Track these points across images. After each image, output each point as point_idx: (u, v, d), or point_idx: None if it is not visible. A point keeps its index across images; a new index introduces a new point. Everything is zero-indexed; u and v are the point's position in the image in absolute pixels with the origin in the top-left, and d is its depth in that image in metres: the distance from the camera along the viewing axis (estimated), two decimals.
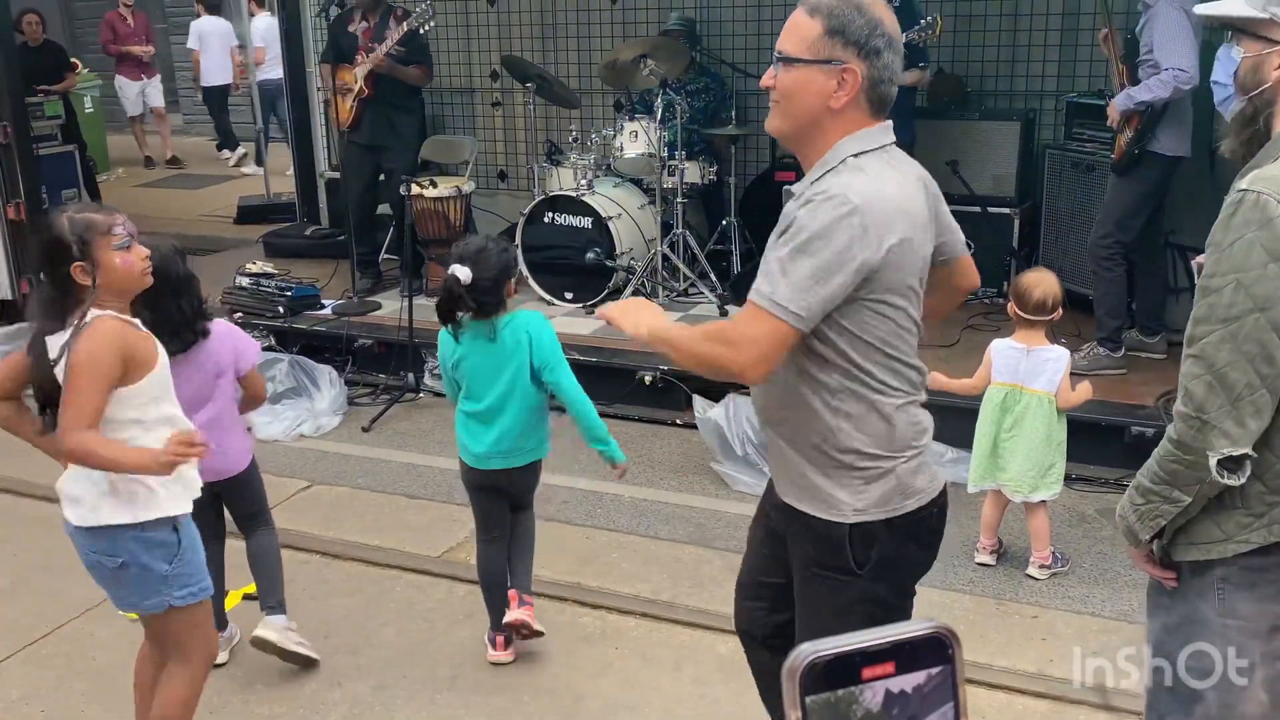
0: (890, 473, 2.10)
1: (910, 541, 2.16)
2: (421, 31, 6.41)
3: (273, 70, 11.57)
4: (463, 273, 3.20)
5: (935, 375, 4.05)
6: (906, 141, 5.77)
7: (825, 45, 2.00)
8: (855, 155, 2.02)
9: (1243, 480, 1.85)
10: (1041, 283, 3.86)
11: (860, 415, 2.07)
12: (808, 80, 2.02)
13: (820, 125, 2.05)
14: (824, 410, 2.08)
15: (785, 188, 2.16)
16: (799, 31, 2.02)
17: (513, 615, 3.50)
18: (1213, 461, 1.83)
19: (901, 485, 2.11)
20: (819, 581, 2.19)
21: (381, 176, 6.77)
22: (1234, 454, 1.83)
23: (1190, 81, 4.67)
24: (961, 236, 2.34)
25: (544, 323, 3.43)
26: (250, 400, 3.40)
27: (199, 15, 12.24)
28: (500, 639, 3.56)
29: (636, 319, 2.18)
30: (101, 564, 2.67)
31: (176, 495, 2.66)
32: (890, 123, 2.10)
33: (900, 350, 2.08)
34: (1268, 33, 1.90)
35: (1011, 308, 3.93)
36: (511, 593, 3.55)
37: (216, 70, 12.27)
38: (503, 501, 3.57)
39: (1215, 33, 5.54)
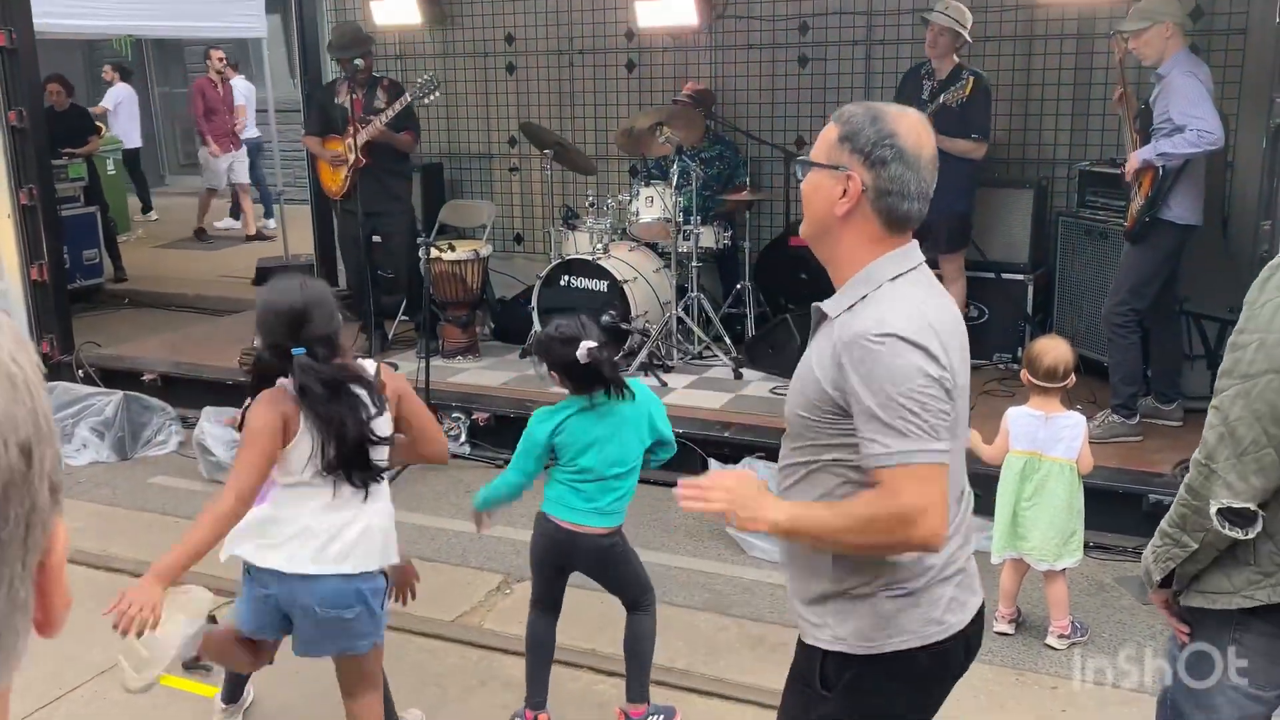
0: (868, 601, 2.00)
1: (893, 681, 2.03)
2: (426, 102, 6.54)
3: (248, 130, 11.88)
4: (593, 344, 3.16)
5: (972, 434, 4.06)
6: (963, 210, 5.86)
7: (836, 150, 1.99)
8: (892, 280, 1.97)
9: (1249, 535, 1.89)
10: (1052, 349, 3.87)
11: None
12: (817, 184, 2.02)
13: (831, 232, 2.02)
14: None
15: (815, 305, 2.08)
16: (823, 136, 2.04)
17: None
18: (1213, 509, 1.89)
19: (882, 621, 2.00)
20: (794, 688, 2.18)
21: (377, 238, 6.86)
22: (1234, 506, 1.88)
23: (1217, 142, 4.72)
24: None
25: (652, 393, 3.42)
26: None
27: (113, 82, 12.39)
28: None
29: (758, 510, 1.95)
30: (337, 613, 2.82)
31: None
32: (915, 244, 2.05)
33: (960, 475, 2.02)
34: None
35: (1025, 375, 3.94)
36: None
37: (133, 132, 12.44)
38: (567, 573, 3.50)
39: (1229, 100, 5.62)
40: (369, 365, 2.86)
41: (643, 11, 7.00)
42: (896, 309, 1.91)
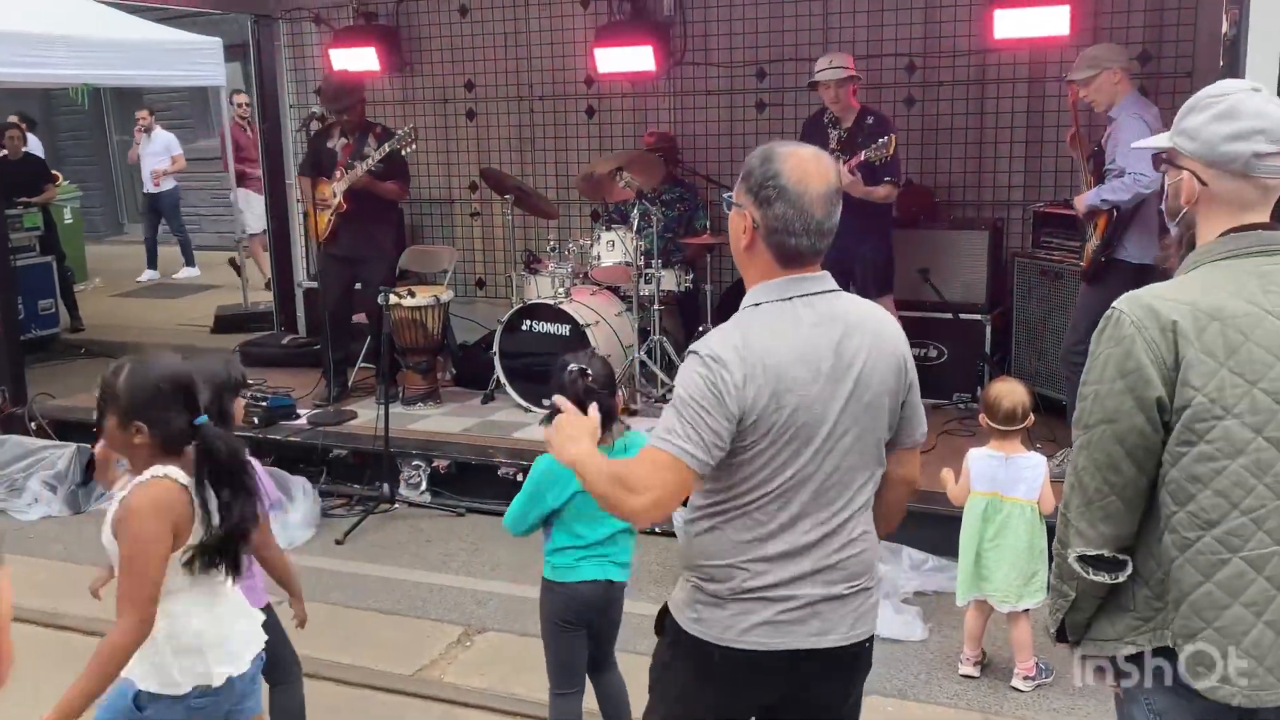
0: (690, 584, 2.20)
1: (686, 660, 2.21)
2: (403, 153, 6.54)
3: (167, 183, 12.01)
4: (587, 369, 3.10)
5: (945, 473, 4.07)
6: (885, 256, 5.90)
7: (739, 189, 2.13)
8: (755, 305, 2.12)
9: (1118, 579, 1.94)
10: (1010, 393, 3.89)
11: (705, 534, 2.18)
12: (731, 219, 2.17)
13: (741, 263, 2.18)
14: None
15: None
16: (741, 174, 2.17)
17: None
18: (1071, 557, 1.95)
19: (692, 606, 2.18)
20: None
21: (358, 286, 6.83)
22: (1088, 553, 1.94)
23: (1152, 185, 4.79)
24: (920, 428, 2.29)
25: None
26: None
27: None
28: None
29: (564, 444, 2.15)
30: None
31: None
32: (815, 274, 2.13)
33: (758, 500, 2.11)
34: (1177, 160, 1.99)
35: (983, 419, 3.96)
36: None
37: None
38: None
39: None
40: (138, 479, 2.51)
41: (602, 58, 7.05)
42: (718, 334, 2.09)
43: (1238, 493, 1.83)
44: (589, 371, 3.10)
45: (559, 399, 2.28)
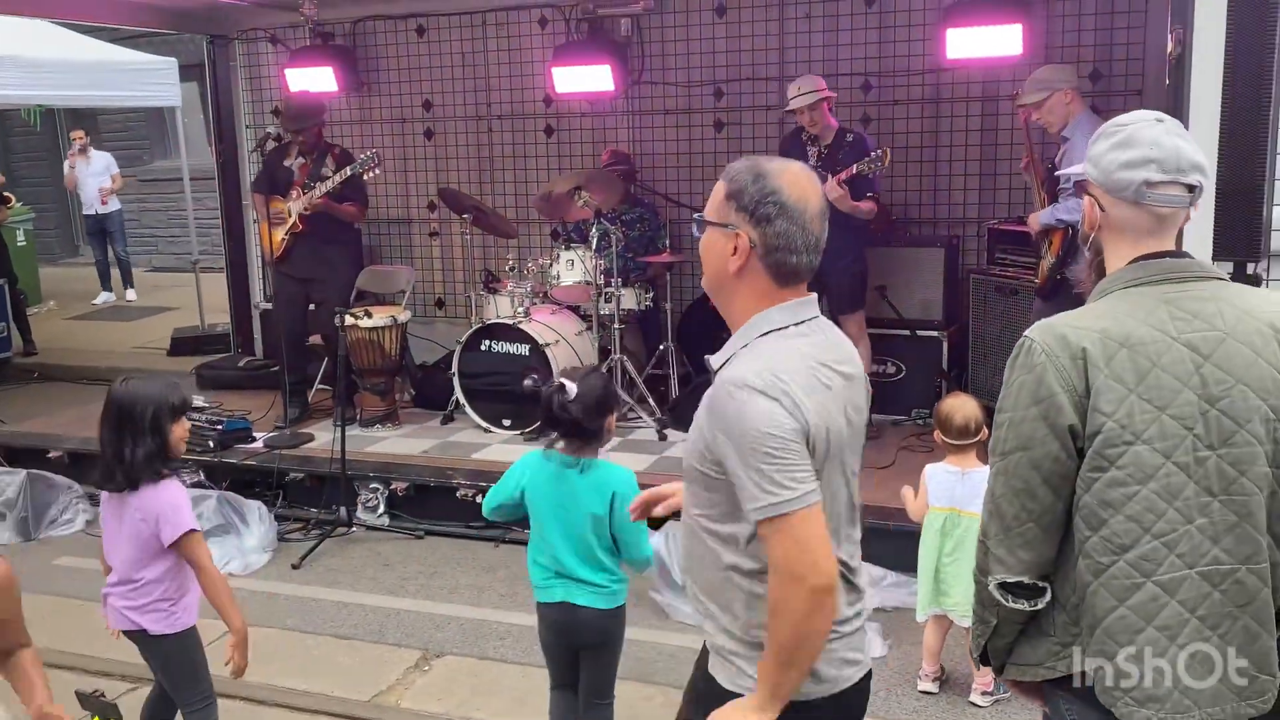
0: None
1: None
2: (365, 178, 6.51)
3: (112, 204, 11.90)
4: (570, 385, 3.09)
5: (905, 490, 4.08)
6: (860, 271, 5.92)
7: (725, 209, 2.01)
8: (764, 334, 2.00)
9: (1037, 606, 1.95)
10: (961, 408, 3.92)
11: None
12: (711, 242, 2.05)
13: (726, 287, 2.05)
14: (741, 585, 2.01)
15: (706, 357, 2.12)
16: (714, 194, 2.05)
17: None
18: (991, 584, 1.96)
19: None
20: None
21: (312, 307, 6.77)
22: (1008, 580, 1.95)
23: None
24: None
25: (634, 486, 3.14)
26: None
27: None
28: None
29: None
30: None
31: None
32: (810, 298, 2.07)
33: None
34: (1087, 187, 2.04)
35: (937, 435, 3.98)
36: None
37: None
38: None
39: None
40: None
41: (559, 78, 7.06)
42: (757, 363, 1.94)
43: (1149, 517, 1.84)
44: (567, 389, 3.09)
45: None
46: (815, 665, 1.97)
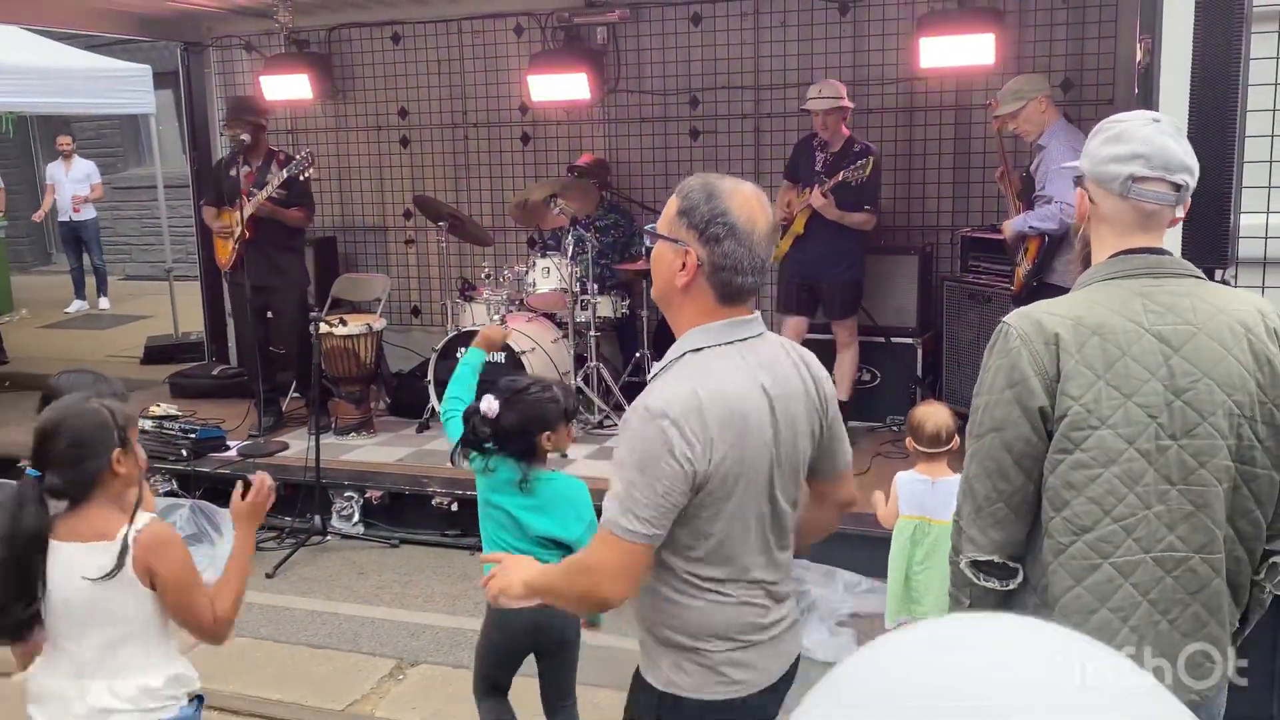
0: (705, 657, 2.09)
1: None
2: (301, 178, 6.48)
3: (86, 212, 11.84)
4: (487, 403, 3.04)
5: (876, 495, 4.10)
6: (855, 278, 5.95)
7: (676, 224, 2.03)
8: (695, 350, 2.03)
9: (1009, 586, 1.99)
10: (933, 416, 3.93)
11: (685, 605, 2.08)
12: (660, 255, 2.08)
13: (672, 301, 2.08)
14: (662, 590, 2.09)
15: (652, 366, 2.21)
16: (667, 207, 2.09)
17: None
18: (963, 563, 2.00)
19: (718, 674, 2.09)
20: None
21: (270, 315, 6.75)
22: (979, 559, 1.99)
23: (1075, 215, 4.90)
24: (847, 452, 2.28)
25: (586, 499, 3.15)
26: None
27: None
28: None
29: (507, 581, 2.20)
30: None
31: None
32: (751, 317, 2.08)
33: (735, 549, 2.06)
34: (1080, 180, 2.09)
35: (909, 442, 3.99)
36: None
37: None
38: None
39: None
40: (141, 520, 2.38)
41: (535, 86, 7.06)
42: (672, 385, 1.98)
43: (1110, 500, 1.89)
44: (483, 411, 3.04)
45: None
46: (741, 668, 2.08)
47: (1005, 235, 5.38)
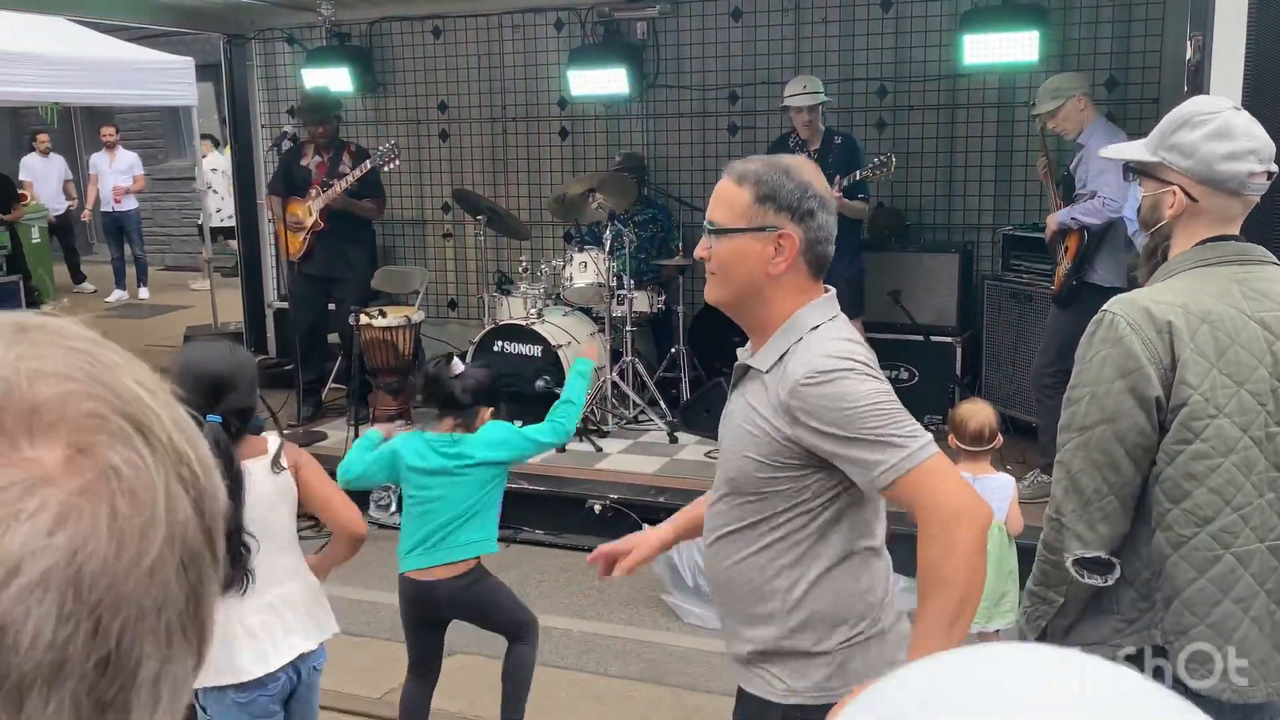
0: (824, 657, 1.99)
1: None
2: (385, 170, 6.53)
3: (128, 203, 12.05)
4: (457, 363, 3.31)
5: None
6: (856, 271, 5.96)
7: (758, 213, 1.97)
8: (814, 328, 1.99)
9: (1108, 582, 1.96)
10: (976, 414, 3.90)
11: (814, 579, 1.98)
12: (744, 249, 1.98)
13: (762, 292, 2.01)
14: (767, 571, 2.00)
15: (740, 354, 2.09)
16: (729, 200, 2.00)
17: None
18: (1068, 561, 1.96)
19: (840, 671, 1.99)
20: None
21: (331, 306, 6.80)
22: (1086, 555, 1.95)
23: (1119, 210, 4.86)
24: None
25: (493, 427, 3.40)
26: None
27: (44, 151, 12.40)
28: None
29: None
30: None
31: None
32: (834, 292, 2.08)
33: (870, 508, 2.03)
34: (1162, 174, 2.02)
35: (952, 440, 3.96)
36: None
37: (53, 201, 12.37)
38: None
39: None
40: (272, 441, 2.75)
41: (575, 81, 7.07)
42: (822, 350, 1.93)
43: (1230, 490, 1.87)
44: (454, 364, 3.32)
45: None
46: (899, 654, 1.97)
47: (1049, 229, 5.33)
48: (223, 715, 2.67)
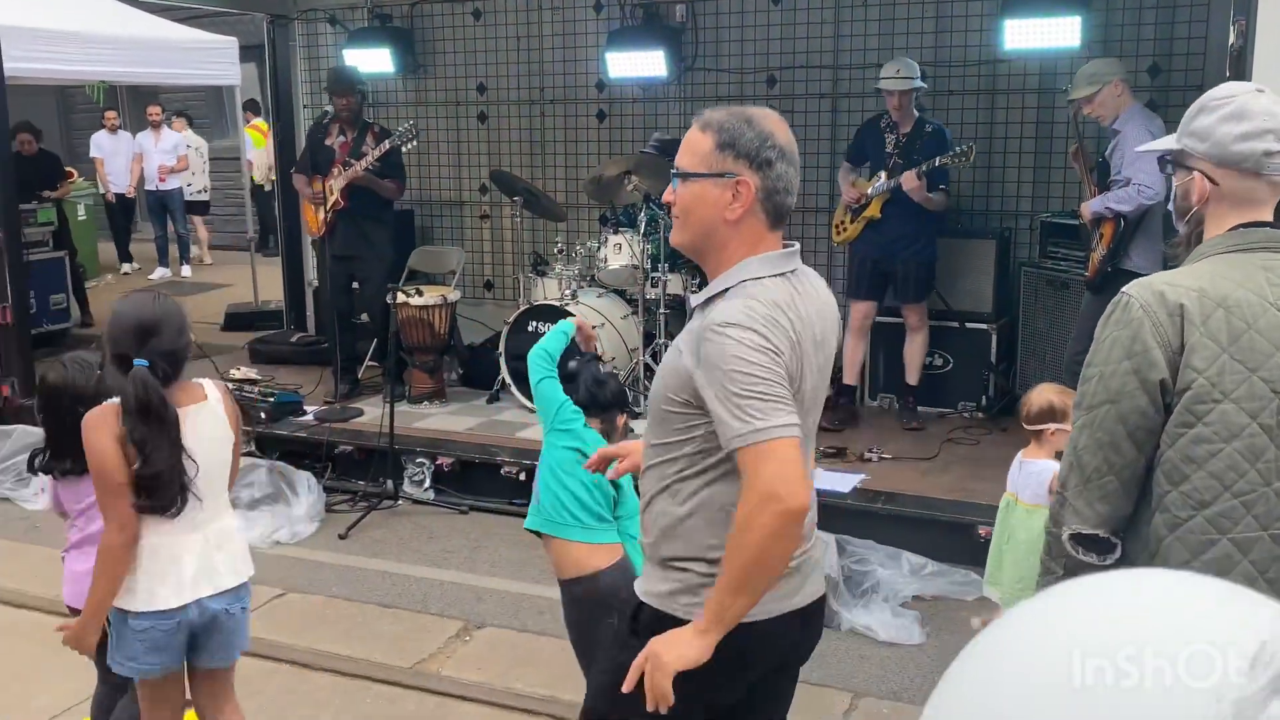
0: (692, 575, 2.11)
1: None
2: (404, 150, 6.59)
3: (173, 181, 12.19)
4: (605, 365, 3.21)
5: None
6: (931, 259, 5.91)
7: (717, 159, 2.04)
8: (755, 280, 2.04)
9: (1105, 562, 1.97)
10: (1036, 395, 3.86)
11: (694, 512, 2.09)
12: (702, 193, 2.06)
13: (718, 236, 2.08)
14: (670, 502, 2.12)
15: (689, 296, 2.22)
16: (693, 147, 2.08)
17: None
18: (1064, 535, 1.98)
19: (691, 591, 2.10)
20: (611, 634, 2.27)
21: (355, 285, 6.87)
22: (1083, 532, 1.97)
23: (1155, 197, 4.82)
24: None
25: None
26: None
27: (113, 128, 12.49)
28: None
29: (678, 653, 1.99)
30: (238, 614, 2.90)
31: None
32: (796, 247, 2.12)
33: None
34: (1186, 161, 2.02)
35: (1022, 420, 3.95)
36: None
37: (120, 178, 12.47)
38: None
39: None
40: (210, 387, 2.87)
41: (613, 63, 7.09)
42: (741, 304, 1.99)
43: (1230, 475, 1.87)
44: (604, 364, 3.20)
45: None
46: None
47: (1084, 217, 5.30)
48: (120, 638, 2.76)
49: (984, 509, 4.91)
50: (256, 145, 12.48)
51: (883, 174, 5.92)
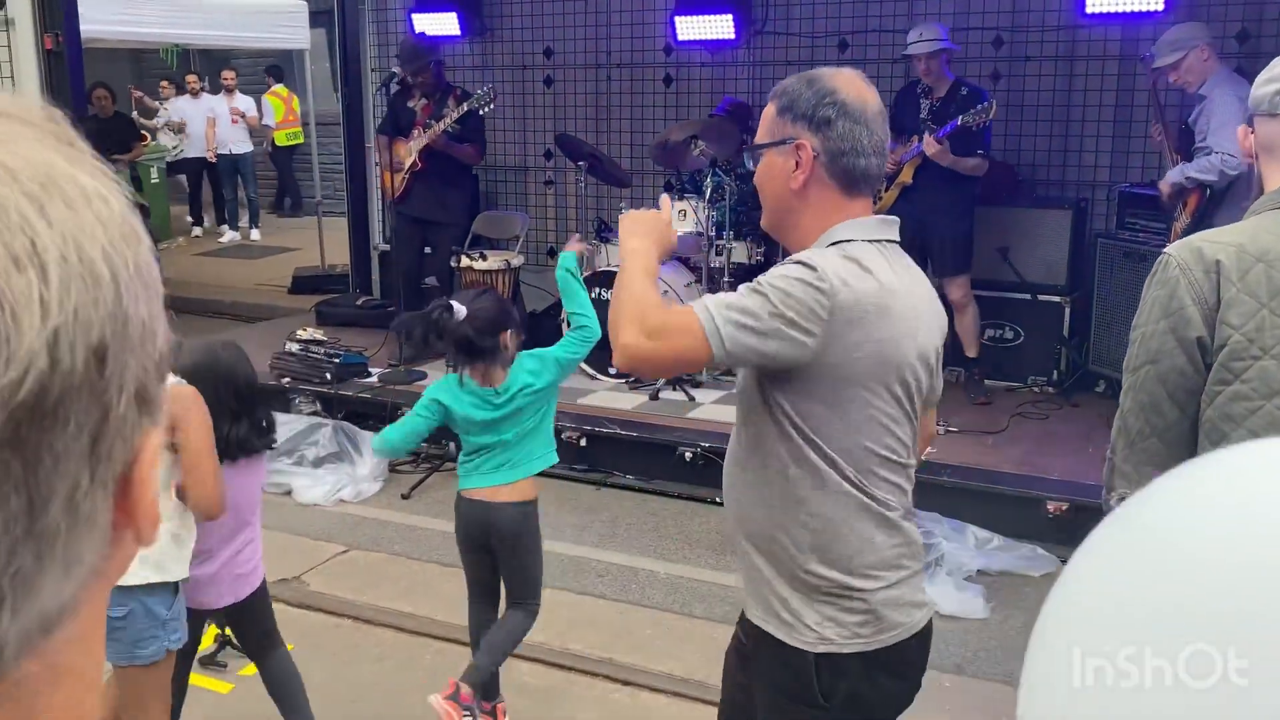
0: (863, 600, 1.90)
1: (883, 674, 1.93)
2: (480, 113, 6.57)
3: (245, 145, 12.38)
4: (458, 306, 3.16)
5: None
6: (964, 231, 5.76)
7: (778, 125, 1.90)
8: (846, 241, 1.85)
9: None
10: None
11: (833, 521, 1.89)
12: (769, 165, 1.92)
13: (791, 210, 1.91)
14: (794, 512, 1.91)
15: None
16: (763, 119, 1.95)
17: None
18: (1114, 499, 1.94)
19: (878, 617, 1.91)
20: (782, 712, 1.99)
21: (428, 250, 6.89)
22: (1129, 494, 1.84)
23: (1239, 167, 4.64)
24: (941, 385, 2.11)
25: (526, 358, 3.29)
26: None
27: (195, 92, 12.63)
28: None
29: (625, 235, 1.97)
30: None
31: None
32: (894, 220, 1.95)
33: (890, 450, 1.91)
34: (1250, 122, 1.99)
35: None
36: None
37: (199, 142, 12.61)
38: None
39: None
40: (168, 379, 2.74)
41: (681, 26, 7.00)
42: (817, 252, 1.84)
43: (1270, 433, 1.80)
44: (454, 310, 3.15)
45: (663, 198, 2.13)
46: (882, 611, 1.90)
47: (1163, 192, 5.13)
48: (177, 607, 2.78)
49: (1052, 484, 4.83)
50: (276, 111, 12.63)
51: (914, 140, 5.76)
